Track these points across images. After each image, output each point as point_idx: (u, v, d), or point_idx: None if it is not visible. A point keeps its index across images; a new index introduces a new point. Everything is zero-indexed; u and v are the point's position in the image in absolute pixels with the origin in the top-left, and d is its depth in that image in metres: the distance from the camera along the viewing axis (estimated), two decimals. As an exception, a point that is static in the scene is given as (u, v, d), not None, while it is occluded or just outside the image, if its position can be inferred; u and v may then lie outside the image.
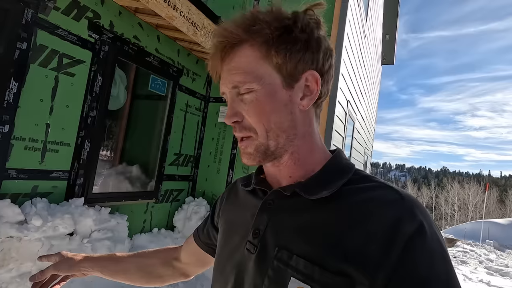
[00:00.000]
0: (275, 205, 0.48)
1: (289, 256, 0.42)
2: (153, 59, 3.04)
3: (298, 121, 0.47)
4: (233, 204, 0.60)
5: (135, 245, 3.01)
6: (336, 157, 0.50)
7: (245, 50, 0.45)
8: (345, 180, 0.45)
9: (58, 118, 2.26)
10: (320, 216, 0.43)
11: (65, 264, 0.71)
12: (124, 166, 3.39)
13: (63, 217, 2.13)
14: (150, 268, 0.73)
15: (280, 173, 0.50)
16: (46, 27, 2.13)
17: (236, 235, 0.53)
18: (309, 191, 0.45)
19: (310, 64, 0.46)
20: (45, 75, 2.16)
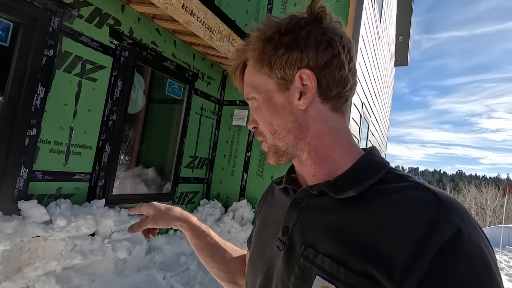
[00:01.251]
0: (304, 204, 0.49)
1: (315, 255, 0.42)
2: (170, 63, 3.10)
3: (305, 121, 0.48)
4: (269, 202, 0.63)
5: (152, 246, 3.05)
6: (367, 155, 0.48)
7: (249, 66, 0.52)
8: (375, 179, 0.44)
9: (81, 122, 2.34)
10: (347, 216, 0.43)
11: (163, 219, 0.72)
12: (141, 169, 3.46)
13: (86, 217, 2.19)
14: (231, 269, 0.72)
15: (304, 172, 0.51)
16: (70, 34, 2.21)
17: (269, 232, 0.54)
18: (336, 190, 0.44)
19: (300, 63, 0.46)
20: (69, 80, 2.24)
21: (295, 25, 0.47)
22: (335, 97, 0.48)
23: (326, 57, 0.46)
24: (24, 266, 1.92)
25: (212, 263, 0.73)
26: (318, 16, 0.47)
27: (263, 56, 0.48)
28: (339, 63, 0.46)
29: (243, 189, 3.67)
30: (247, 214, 3.42)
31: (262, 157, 3.61)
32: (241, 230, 3.22)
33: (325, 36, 0.46)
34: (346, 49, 0.47)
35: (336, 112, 0.49)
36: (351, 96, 0.50)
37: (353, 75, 0.49)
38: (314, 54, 0.46)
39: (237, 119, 3.79)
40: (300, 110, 0.48)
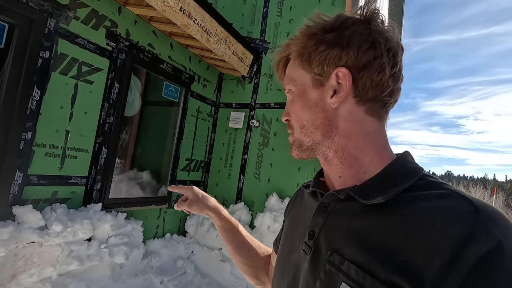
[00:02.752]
0: (331, 208, 0.48)
1: (341, 261, 0.41)
2: (166, 66, 3.09)
3: (335, 119, 0.48)
4: (297, 206, 0.63)
5: (149, 251, 3.02)
6: (399, 160, 0.46)
7: (290, 61, 0.54)
8: (406, 186, 0.42)
9: (77, 125, 2.30)
10: (374, 222, 0.41)
11: (197, 205, 0.77)
12: (137, 172, 3.42)
13: (83, 222, 2.15)
14: (256, 264, 0.75)
15: (331, 172, 0.51)
16: (66, 36, 2.18)
17: (296, 235, 0.54)
18: (363, 196, 0.43)
19: (338, 61, 0.46)
20: (65, 82, 2.20)
21: (341, 24, 0.47)
22: (371, 100, 0.47)
23: (366, 58, 0.45)
24: (19, 273, 1.87)
25: (238, 256, 0.76)
26: (368, 17, 0.47)
27: (304, 51, 0.49)
28: (380, 66, 0.45)
29: (240, 192, 3.66)
30: (244, 217, 3.41)
31: (258, 159, 3.61)
32: (239, 233, 3.21)
33: (370, 37, 0.45)
34: (390, 53, 0.46)
35: (372, 115, 0.48)
36: (391, 102, 0.49)
37: (395, 80, 0.47)
38: (354, 53, 0.45)
39: (234, 121, 3.79)
40: (332, 108, 0.48)
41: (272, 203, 3.23)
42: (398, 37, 0.48)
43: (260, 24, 3.92)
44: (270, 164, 3.52)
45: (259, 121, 3.66)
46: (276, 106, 3.60)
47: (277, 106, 3.60)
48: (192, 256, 3.33)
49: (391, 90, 0.47)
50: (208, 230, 3.35)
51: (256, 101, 3.76)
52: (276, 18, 3.81)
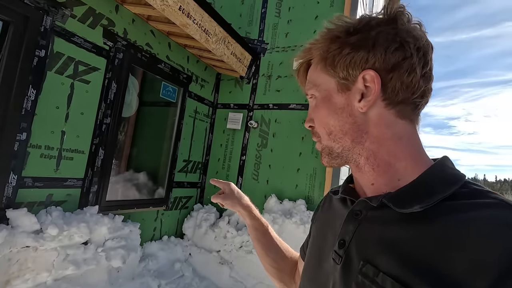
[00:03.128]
0: (362, 216, 0.46)
1: (375, 273, 0.39)
2: (164, 66, 3.04)
3: (364, 124, 0.45)
4: (325, 212, 0.61)
5: (146, 253, 2.97)
6: (437, 166, 0.44)
7: (312, 66, 0.52)
8: (446, 194, 0.39)
9: (73, 126, 2.24)
10: (411, 232, 0.39)
11: (230, 201, 0.80)
12: (133, 173, 3.36)
13: (79, 225, 2.10)
14: (283, 268, 0.75)
15: (362, 179, 0.49)
16: (63, 34, 2.13)
17: (325, 243, 0.52)
18: (398, 204, 0.41)
19: (365, 63, 0.44)
20: (61, 82, 2.15)
21: (365, 25, 0.45)
22: (402, 103, 0.44)
23: (395, 59, 0.43)
24: (13, 278, 1.81)
25: (266, 257, 0.76)
26: (393, 16, 0.44)
27: (327, 55, 0.47)
28: (410, 66, 0.43)
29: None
30: (243, 218, 3.38)
31: (257, 160, 3.59)
32: (237, 234, 3.18)
33: (397, 37, 0.43)
34: (421, 52, 0.43)
35: (403, 119, 0.45)
36: (422, 104, 0.46)
37: (427, 81, 0.45)
38: (382, 55, 0.43)
39: (232, 122, 3.76)
40: (360, 113, 0.45)
41: (271, 204, 3.20)
42: (426, 34, 0.46)
43: (258, 25, 3.90)
44: (269, 165, 3.50)
45: (257, 122, 3.64)
46: (274, 107, 3.59)
47: (276, 107, 3.58)
48: (190, 259, 3.29)
49: (423, 91, 0.44)
50: (206, 232, 3.31)
51: (255, 102, 3.74)
52: (274, 19, 3.80)
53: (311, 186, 3.23)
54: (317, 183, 3.20)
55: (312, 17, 3.53)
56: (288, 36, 3.66)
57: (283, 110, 3.53)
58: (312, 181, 3.23)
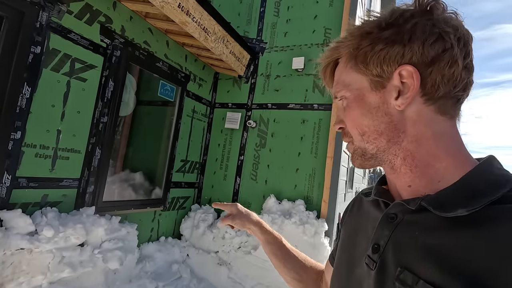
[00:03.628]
0: (398, 219, 0.43)
1: (414, 280, 0.37)
2: (162, 64, 3.00)
3: (402, 123, 0.43)
4: (355, 215, 0.58)
5: (143, 255, 2.92)
6: (483, 166, 0.41)
7: (341, 64, 0.50)
8: (495, 198, 0.36)
9: (69, 124, 2.19)
10: (456, 239, 0.36)
11: (240, 221, 0.80)
12: (129, 173, 3.31)
13: (75, 227, 2.04)
14: (305, 279, 0.73)
15: (398, 181, 0.46)
16: (59, 31, 2.07)
17: (357, 248, 0.50)
18: (440, 207, 0.38)
19: (401, 58, 0.41)
20: (57, 80, 2.09)
21: (398, 18, 0.42)
22: (442, 98, 0.42)
23: (434, 51, 0.40)
24: (6, 282, 1.76)
25: (285, 269, 0.74)
26: (427, 6, 0.42)
27: (357, 52, 0.45)
28: (452, 58, 0.40)
29: (236, 193, 3.60)
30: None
31: (255, 160, 3.56)
32: (236, 235, 3.15)
33: (435, 28, 0.40)
34: (461, 42, 0.41)
35: (443, 115, 0.43)
36: (464, 97, 0.44)
37: (469, 72, 0.42)
38: (420, 48, 0.40)
39: (230, 122, 3.73)
40: (397, 111, 0.43)
41: (269, 205, 3.18)
42: (463, 23, 0.43)
43: (257, 24, 3.87)
44: (267, 165, 3.48)
45: (256, 122, 3.62)
46: (273, 107, 3.57)
47: (274, 106, 3.56)
48: (188, 260, 3.25)
49: (465, 84, 0.42)
50: (204, 233, 3.28)
51: (253, 102, 3.71)
52: (273, 18, 3.78)
53: (310, 186, 3.21)
54: (316, 183, 3.19)
55: (311, 17, 3.52)
56: (287, 36, 3.65)
57: (282, 110, 3.51)
58: (311, 181, 3.22)
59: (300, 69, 3.43)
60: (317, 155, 3.23)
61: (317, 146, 3.24)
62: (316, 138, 3.26)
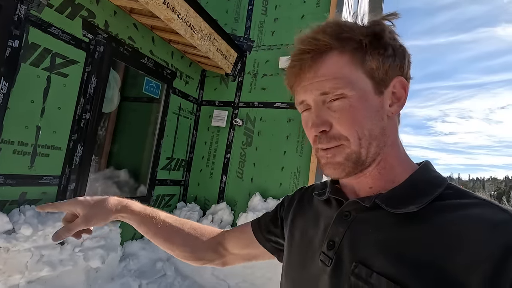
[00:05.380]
0: (352, 217, 0.46)
1: (368, 273, 0.39)
2: (147, 61, 2.96)
3: (388, 129, 0.46)
4: (306, 212, 0.59)
5: (126, 253, 2.89)
6: (424, 169, 0.46)
7: (335, 57, 0.44)
8: (436, 195, 0.40)
9: (49, 121, 2.14)
10: (406, 233, 0.39)
11: (96, 216, 0.60)
12: (113, 171, 3.27)
13: (55, 225, 2.01)
14: (195, 247, 0.68)
15: (359, 183, 0.48)
16: (38, 24, 2.02)
17: (310, 245, 0.51)
18: (392, 204, 0.41)
19: (398, 71, 0.46)
20: (36, 75, 2.04)
21: (392, 33, 0.46)
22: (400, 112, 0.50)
23: (410, 73, 0.48)
24: (-18, 281, 1.72)
25: (171, 245, 0.67)
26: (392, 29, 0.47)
27: (372, 51, 0.44)
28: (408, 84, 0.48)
29: (222, 191, 3.61)
30: (227, 216, 3.37)
31: (242, 158, 3.58)
32: (221, 233, 3.17)
33: (408, 52, 0.48)
34: None
35: (399, 126, 0.50)
36: None
37: None
38: (407, 67, 0.47)
39: (217, 120, 3.73)
40: (387, 117, 0.47)
41: (255, 202, 3.21)
42: None
43: (244, 22, 3.87)
44: (253, 164, 3.50)
45: (242, 120, 3.63)
46: (260, 106, 3.58)
47: (261, 105, 3.58)
48: (172, 258, 3.24)
49: None
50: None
51: (240, 100, 3.72)
52: (261, 17, 3.78)
53: (295, 184, 3.25)
54: (301, 181, 3.23)
55: (298, 16, 3.55)
56: (274, 35, 3.66)
57: (268, 109, 3.53)
58: (296, 179, 3.26)
59: (286, 68, 3.45)
60: (302, 154, 3.27)
61: (302, 145, 3.29)
62: (302, 137, 3.30)
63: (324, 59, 0.45)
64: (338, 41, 0.44)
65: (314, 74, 0.45)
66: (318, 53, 0.45)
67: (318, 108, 0.46)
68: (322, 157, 0.47)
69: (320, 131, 0.45)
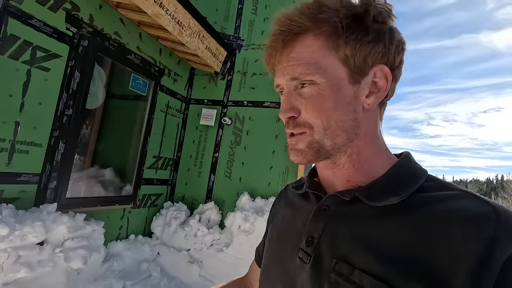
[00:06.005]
0: (331, 211, 0.44)
1: (350, 270, 0.37)
2: (134, 57, 2.90)
3: (361, 121, 0.43)
4: (283, 209, 0.57)
5: (110, 254, 2.82)
6: (404, 160, 0.44)
7: (309, 40, 0.42)
8: (416, 187, 0.39)
9: (29, 116, 2.06)
10: (387, 226, 0.37)
11: None
12: (98, 170, 3.18)
13: (34, 224, 1.93)
14: None
15: (336, 176, 0.46)
16: (18, 15, 1.94)
17: (288, 242, 0.49)
18: (372, 197, 0.40)
19: (381, 58, 0.41)
20: (16, 68, 1.96)
21: (380, 14, 0.41)
22: (384, 103, 0.46)
23: (399, 60, 0.43)
24: (-47, 284, 1.63)
25: None
26: (389, 12, 0.42)
27: (349, 36, 0.40)
28: (401, 69, 0.44)
29: (210, 190, 3.57)
30: (214, 216, 3.33)
31: (230, 158, 3.55)
32: (208, 233, 3.13)
33: (399, 37, 0.43)
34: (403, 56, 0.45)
35: (380, 118, 0.47)
36: None
37: None
38: (393, 53, 0.42)
39: (205, 118, 3.69)
40: (362, 109, 0.43)
41: (243, 202, 3.18)
42: None
43: (234, 21, 3.85)
44: (242, 163, 3.48)
45: (231, 119, 3.60)
46: (249, 105, 3.57)
47: (250, 104, 3.56)
48: (158, 258, 3.18)
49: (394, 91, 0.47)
50: (176, 231, 3.22)
51: (229, 99, 3.69)
52: (251, 16, 3.77)
53: (284, 184, 3.25)
54: (290, 181, 3.23)
55: (288, 16, 3.55)
56: (264, 34, 3.65)
57: (257, 108, 3.52)
58: (284, 179, 3.26)
59: (276, 68, 3.45)
60: (291, 153, 3.27)
61: (291, 144, 3.28)
62: (290, 136, 3.30)
63: (299, 41, 0.42)
64: (314, 22, 0.41)
65: (287, 58, 0.43)
66: (291, 34, 0.42)
67: (289, 93, 0.45)
68: (288, 142, 0.46)
69: (288, 117, 0.44)
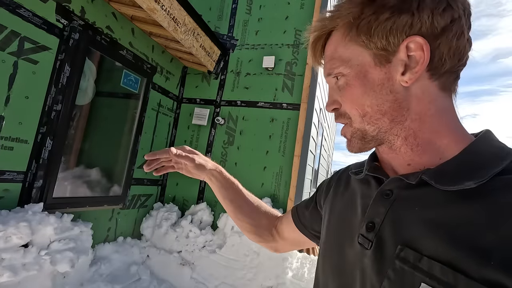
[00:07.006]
0: (395, 195, 0.41)
1: (417, 257, 0.35)
2: (126, 53, 2.82)
3: (406, 100, 0.40)
4: (342, 193, 0.55)
5: (98, 256, 2.71)
6: (483, 139, 0.39)
7: (333, 38, 0.45)
8: (499, 169, 0.34)
9: (15, 110, 1.95)
10: (461, 211, 0.34)
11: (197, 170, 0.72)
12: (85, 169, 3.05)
13: (18, 225, 1.82)
14: (259, 223, 0.74)
15: (395, 161, 0.44)
16: (6, 4, 1.84)
17: (347, 227, 0.47)
18: (443, 181, 0.36)
19: (409, 29, 0.38)
20: (1, 59, 1.86)
21: None
22: (446, 72, 0.39)
23: (444, 21, 0.37)
24: None
25: (240, 215, 0.74)
26: None
27: (360, 22, 0.40)
28: (459, 29, 0.38)
29: (202, 191, 3.51)
30: (206, 217, 3.27)
31: (223, 158, 3.50)
32: (200, 234, 3.06)
33: (429, 4, 0.37)
34: (466, 12, 0.39)
35: (445, 91, 0.41)
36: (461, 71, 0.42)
37: (470, 45, 0.40)
38: (429, 17, 0.37)
39: (197, 118, 3.63)
40: (402, 88, 0.40)
41: (236, 203, 3.14)
42: None
43: (228, 20, 3.83)
44: (235, 163, 3.44)
45: (224, 119, 3.56)
46: (242, 105, 3.54)
47: (244, 104, 3.54)
48: (148, 261, 3.08)
49: (467, 58, 0.40)
50: (167, 232, 3.14)
51: (222, 98, 3.65)
52: (245, 16, 3.76)
53: (277, 184, 3.24)
54: (283, 181, 3.22)
55: (282, 17, 3.56)
56: (258, 34, 3.65)
57: (251, 108, 3.50)
58: (278, 179, 3.25)
59: (270, 68, 3.45)
60: (285, 153, 3.27)
61: (285, 144, 3.28)
62: (284, 137, 3.29)
63: (328, 41, 0.46)
64: (332, 21, 0.44)
65: (322, 59, 0.48)
66: (322, 38, 0.46)
67: (331, 88, 0.47)
68: (341, 134, 0.48)
69: (331, 110, 0.47)
